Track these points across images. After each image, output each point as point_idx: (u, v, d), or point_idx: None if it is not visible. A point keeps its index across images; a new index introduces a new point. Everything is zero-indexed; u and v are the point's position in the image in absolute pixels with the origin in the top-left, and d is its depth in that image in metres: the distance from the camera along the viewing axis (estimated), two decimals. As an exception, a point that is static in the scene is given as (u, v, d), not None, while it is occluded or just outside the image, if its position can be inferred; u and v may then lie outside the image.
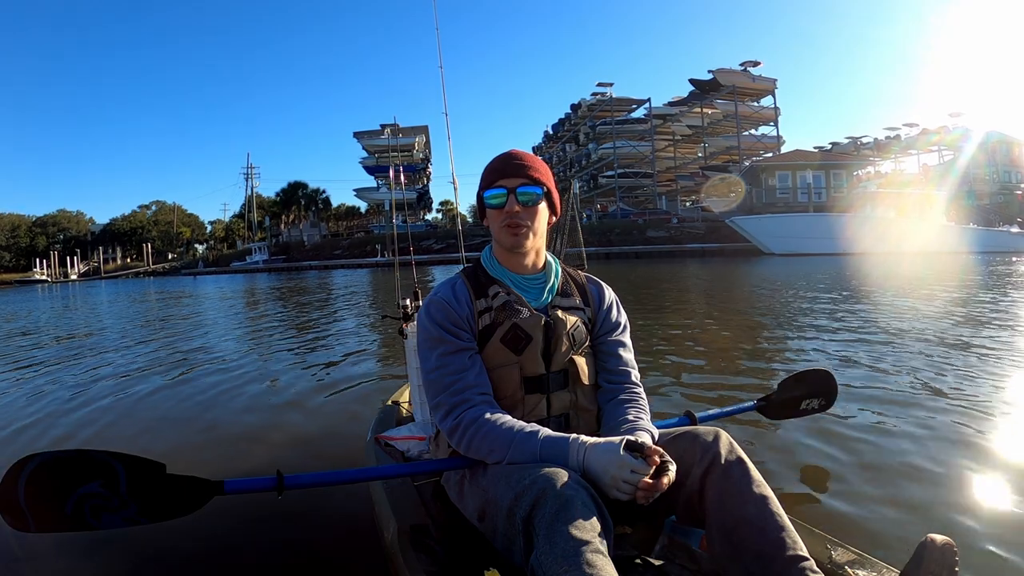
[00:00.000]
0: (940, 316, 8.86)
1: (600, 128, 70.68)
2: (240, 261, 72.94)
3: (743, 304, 12.55)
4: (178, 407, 5.27)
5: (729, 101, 62.55)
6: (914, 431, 3.76)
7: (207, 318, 14.34)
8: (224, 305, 18.81)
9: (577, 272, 2.15)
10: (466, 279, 1.99)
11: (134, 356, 8.43)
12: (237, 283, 36.07)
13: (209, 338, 10.27)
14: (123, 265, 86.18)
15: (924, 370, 5.37)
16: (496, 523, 1.62)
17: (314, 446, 4.03)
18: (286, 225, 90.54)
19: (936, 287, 13.73)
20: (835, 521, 2.57)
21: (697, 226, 54.25)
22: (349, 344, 8.70)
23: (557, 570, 1.35)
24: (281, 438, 4.26)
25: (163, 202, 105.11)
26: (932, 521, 2.58)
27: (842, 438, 3.65)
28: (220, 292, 26.26)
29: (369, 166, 77.19)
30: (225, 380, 6.26)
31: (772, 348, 7.18)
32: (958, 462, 3.23)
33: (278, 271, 57.11)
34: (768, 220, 42.23)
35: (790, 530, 1.58)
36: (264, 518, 2.82)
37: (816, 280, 17.10)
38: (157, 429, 4.67)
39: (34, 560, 2.59)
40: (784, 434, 3.74)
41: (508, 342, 1.88)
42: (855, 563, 1.70)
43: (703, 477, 1.68)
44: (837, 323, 8.65)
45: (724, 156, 66.35)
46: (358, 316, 13.23)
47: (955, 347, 6.39)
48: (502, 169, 1.91)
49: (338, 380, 6.05)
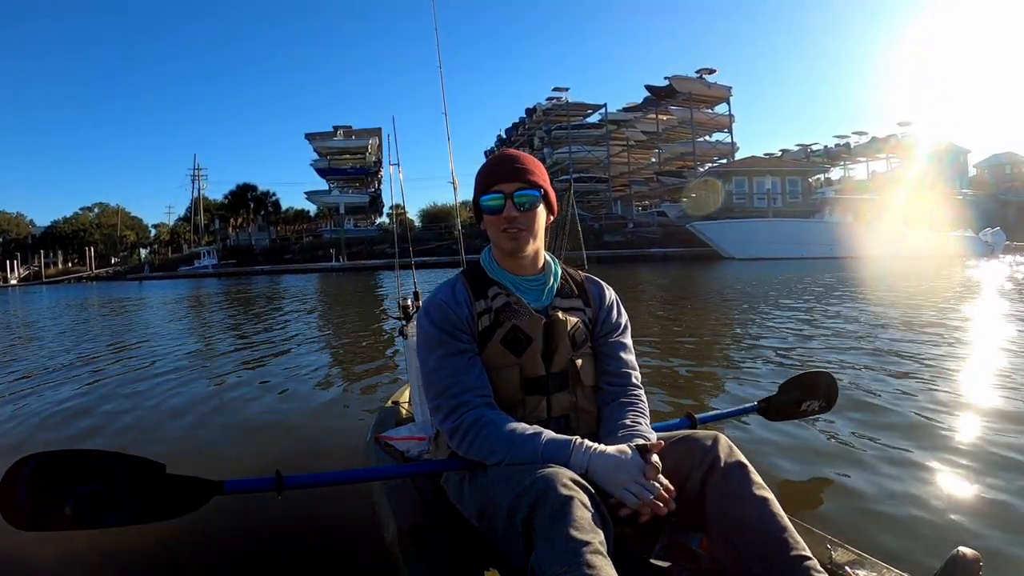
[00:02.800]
0: (940, 320, 8.88)
1: (556, 132, 70.37)
2: (187, 265, 70.47)
3: (716, 304, 12.95)
4: (174, 410, 5.21)
5: (684, 108, 63.15)
6: (914, 431, 3.83)
7: (188, 324, 13.93)
8: (193, 311, 18.20)
9: (577, 272, 2.15)
10: (465, 280, 1.99)
11: (130, 357, 8.33)
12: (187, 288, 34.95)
13: (197, 342, 10.19)
14: (65, 269, 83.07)
15: (925, 371, 5.50)
16: (496, 523, 1.63)
17: (314, 446, 4.07)
18: (234, 229, 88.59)
19: (927, 292, 13.96)
20: (836, 522, 2.58)
21: (654, 231, 54.67)
22: (349, 344, 8.91)
23: (557, 571, 1.36)
24: (281, 439, 4.29)
25: (106, 204, 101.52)
26: (933, 521, 2.62)
27: (842, 439, 3.73)
28: (175, 298, 25.38)
29: (321, 168, 75.87)
30: (224, 381, 6.27)
31: (752, 349, 7.26)
32: (958, 463, 3.27)
33: (228, 276, 55.28)
34: (728, 225, 42.84)
35: (791, 531, 1.58)
36: (264, 518, 2.85)
37: (793, 284, 17.44)
38: (156, 430, 4.64)
39: (33, 559, 2.58)
40: (784, 435, 3.80)
41: (508, 343, 1.88)
42: (855, 563, 1.69)
43: (703, 481, 1.68)
44: (828, 325, 8.82)
45: (679, 162, 67.06)
46: (357, 317, 13.52)
47: (955, 349, 6.59)
48: (498, 173, 1.91)
49: (338, 380, 6.17)
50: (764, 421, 3.64)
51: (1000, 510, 2.70)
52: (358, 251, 59.74)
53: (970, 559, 1.45)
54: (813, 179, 60.69)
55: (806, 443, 3.67)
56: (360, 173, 75.04)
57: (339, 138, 76.39)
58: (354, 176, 75.52)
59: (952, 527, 2.55)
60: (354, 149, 76.31)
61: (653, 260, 44.09)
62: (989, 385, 4.99)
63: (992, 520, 2.60)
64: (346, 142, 76.30)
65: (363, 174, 75.12)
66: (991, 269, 22.45)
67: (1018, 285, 14.87)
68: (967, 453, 3.40)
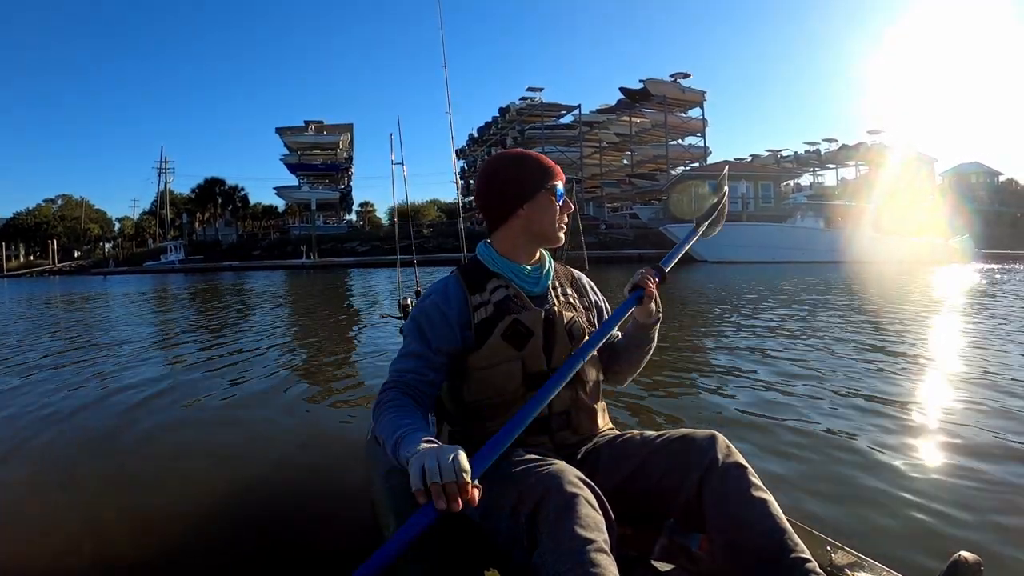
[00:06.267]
0: (935, 322, 9.16)
1: (529, 132, 70.07)
2: (153, 260, 69.30)
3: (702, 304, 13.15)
4: (174, 408, 5.15)
5: (658, 111, 63.27)
6: (916, 433, 3.89)
7: (177, 323, 13.45)
8: (180, 307, 17.79)
9: (561, 264, 2.18)
10: (461, 276, 1.99)
11: (126, 357, 7.98)
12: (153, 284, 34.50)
13: (192, 340, 10.01)
14: (27, 263, 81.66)
15: (926, 372, 5.64)
16: (498, 522, 1.62)
17: (314, 446, 4.08)
18: (201, 224, 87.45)
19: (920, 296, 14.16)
20: (836, 524, 2.59)
21: (626, 232, 54.68)
22: (349, 343, 8.90)
23: (561, 568, 1.37)
24: (282, 438, 4.28)
25: (70, 196, 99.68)
26: (935, 524, 2.64)
27: (842, 440, 3.77)
28: (141, 294, 24.77)
29: (291, 164, 75.07)
30: (222, 381, 6.18)
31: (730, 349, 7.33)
32: (960, 465, 3.30)
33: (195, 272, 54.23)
34: None
35: (791, 532, 1.58)
36: (264, 517, 2.89)
37: (774, 288, 17.71)
38: (156, 430, 4.56)
39: (34, 559, 2.59)
40: (784, 436, 3.87)
41: (509, 337, 1.87)
42: (856, 566, 1.67)
43: (700, 482, 1.67)
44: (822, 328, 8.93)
45: (651, 164, 67.13)
46: (356, 315, 13.53)
47: (956, 352, 6.70)
48: (553, 171, 1.99)
49: (338, 379, 6.16)
50: (764, 421, 4.14)
51: (1002, 514, 2.73)
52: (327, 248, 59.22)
53: (971, 563, 1.44)
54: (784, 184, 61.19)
55: (806, 444, 3.72)
56: (331, 169, 74.59)
57: (310, 133, 75.93)
58: (324, 172, 75.03)
59: (954, 530, 2.59)
60: (325, 145, 75.81)
61: (628, 261, 44.02)
62: (991, 388, 4.97)
63: (994, 524, 2.64)
64: (317, 137, 75.82)
65: (334, 170, 74.69)
66: (964, 275, 22.96)
67: (995, 289, 15.38)
68: (970, 456, 3.44)
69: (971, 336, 7.87)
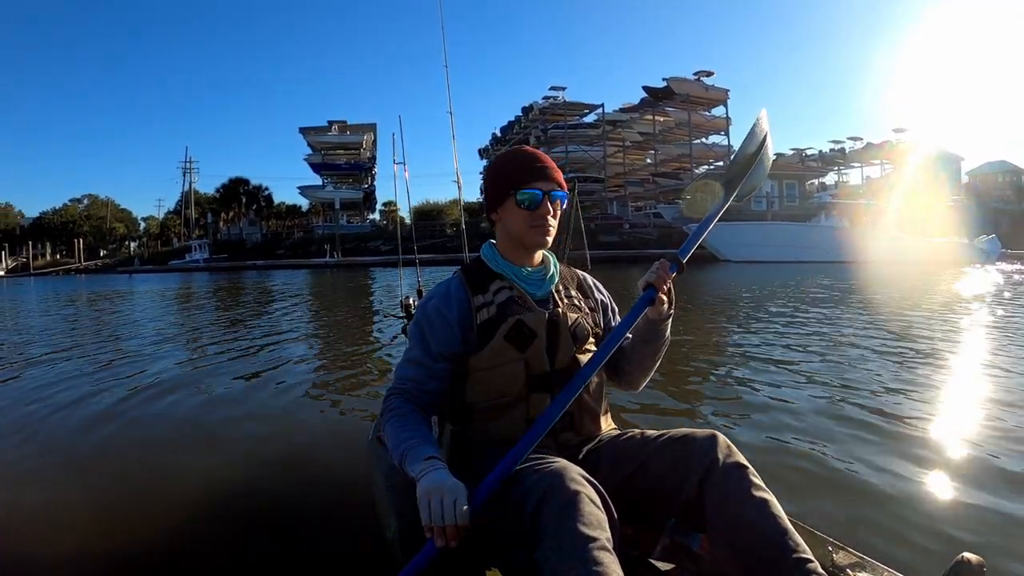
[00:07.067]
0: (942, 327, 8.80)
1: (552, 131, 69.90)
2: (178, 259, 70.09)
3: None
4: (174, 408, 5.10)
5: (681, 109, 63.12)
6: (918, 434, 3.84)
7: (181, 320, 13.50)
8: (188, 306, 17.83)
9: (566, 265, 2.17)
10: (464, 277, 2.00)
11: (137, 351, 8.11)
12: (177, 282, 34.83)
13: (191, 339, 9.85)
14: (53, 261, 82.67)
15: (928, 374, 5.54)
16: (500, 522, 1.60)
17: (316, 446, 4.09)
18: (226, 223, 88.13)
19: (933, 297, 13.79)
20: (838, 524, 2.56)
21: (649, 231, 54.53)
22: (350, 342, 8.80)
23: (564, 567, 1.36)
24: (283, 437, 4.29)
25: (95, 196, 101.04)
26: (937, 526, 2.62)
27: (844, 441, 3.75)
28: (157, 292, 25.07)
29: (315, 163, 75.57)
30: (222, 380, 6.12)
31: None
32: (963, 466, 3.30)
33: (219, 271, 54.66)
34: (725, 228, 42.41)
35: (792, 532, 1.57)
36: (265, 517, 2.90)
37: (799, 289, 17.42)
38: (155, 430, 4.56)
39: (34, 557, 2.59)
40: (784, 435, 3.87)
41: (512, 339, 1.87)
42: (857, 566, 1.66)
43: (701, 482, 1.67)
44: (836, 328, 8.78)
45: (675, 164, 66.85)
46: (357, 314, 13.41)
47: (960, 355, 6.58)
48: (534, 170, 1.93)
49: (340, 379, 6.09)
50: (763, 422, 4.15)
51: (1006, 517, 2.71)
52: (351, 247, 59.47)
53: (974, 565, 1.44)
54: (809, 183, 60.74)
55: (807, 444, 3.72)
56: (354, 169, 74.92)
57: (334, 133, 76.35)
58: (348, 172, 75.38)
59: (957, 532, 2.57)
60: (349, 144, 76.24)
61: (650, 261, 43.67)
62: (995, 391, 4.94)
63: (997, 526, 2.63)
64: (341, 137, 76.23)
65: (357, 170, 75.00)
66: (988, 277, 22.15)
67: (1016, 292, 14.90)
68: (972, 457, 3.43)
69: (985, 338, 7.81)
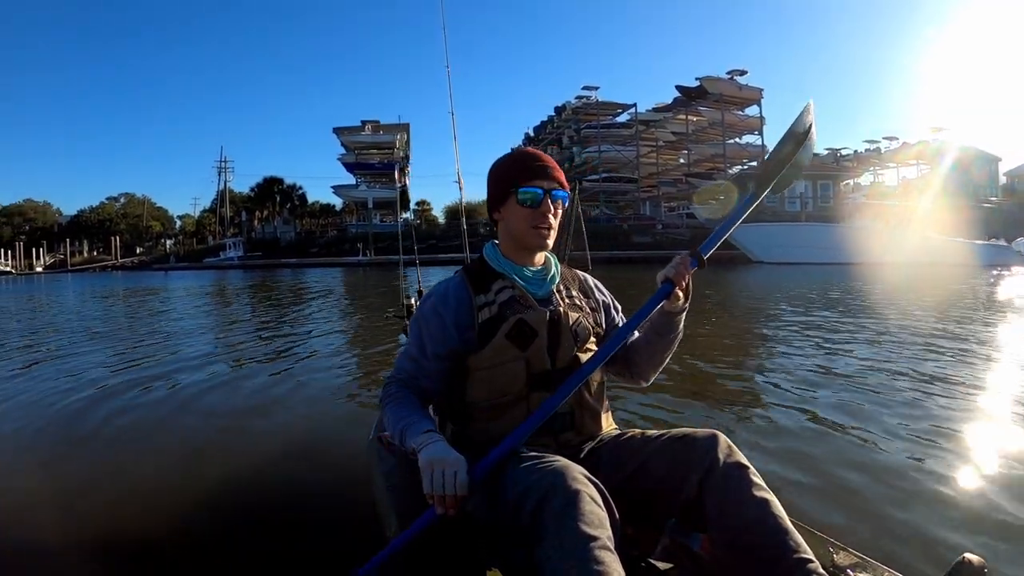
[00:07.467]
0: (954, 329, 8.72)
1: (585, 131, 70.20)
2: (213, 257, 70.93)
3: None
4: (177, 408, 5.14)
5: (715, 109, 62.64)
6: (919, 435, 3.88)
7: (197, 317, 13.87)
8: (209, 303, 18.35)
9: (567, 266, 2.17)
10: (466, 275, 2.01)
11: (125, 355, 8.08)
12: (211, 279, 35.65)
13: (194, 337, 10.02)
14: (90, 258, 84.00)
15: (931, 377, 5.54)
16: (501, 520, 1.63)
17: (316, 445, 4.13)
18: (260, 221, 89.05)
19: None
20: (838, 525, 2.61)
21: (682, 232, 54.18)
22: (351, 342, 9.02)
23: (565, 566, 1.36)
24: (283, 437, 4.32)
25: (132, 195, 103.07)
26: (939, 526, 2.63)
27: (845, 441, 3.81)
28: (185, 289, 25.72)
29: (348, 163, 76.11)
30: (223, 379, 6.22)
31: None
32: (964, 467, 3.32)
33: (253, 268, 55.40)
34: (754, 228, 41.96)
35: (793, 533, 1.57)
36: (265, 516, 2.92)
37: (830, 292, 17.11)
38: (156, 429, 4.60)
39: (34, 554, 2.63)
40: (784, 435, 3.91)
41: (513, 337, 1.87)
42: (858, 567, 1.66)
43: (701, 482, 1.67)
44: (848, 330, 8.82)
45: (708, 164, 66.38)
46: (365, 312, 13.61)
47: (963, 354, 6.63)
48: (535, 169, 1.94)
49: (341, 378, 6.16)
50: (763, 422, 4.24)
51: (1007, 518, 2.73)
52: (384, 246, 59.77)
53: (976, 566, 1.45)
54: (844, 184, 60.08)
55: (808, 444, 3.75)
56: (387, 168, 75.09)
57: (367, 133, 76.85)
58: (381, 171, 75.66)
59: (958, 533, 2.59)
60: (382, 144, 76.66)
61: (684, 262, 43.53)
62: (997, 393, 5.00)
63: (998, 527, 2.64)
64: (374, 137, 76.70)
65: (390, 169, 75.17)
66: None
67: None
68: (974, 458, 3.46)
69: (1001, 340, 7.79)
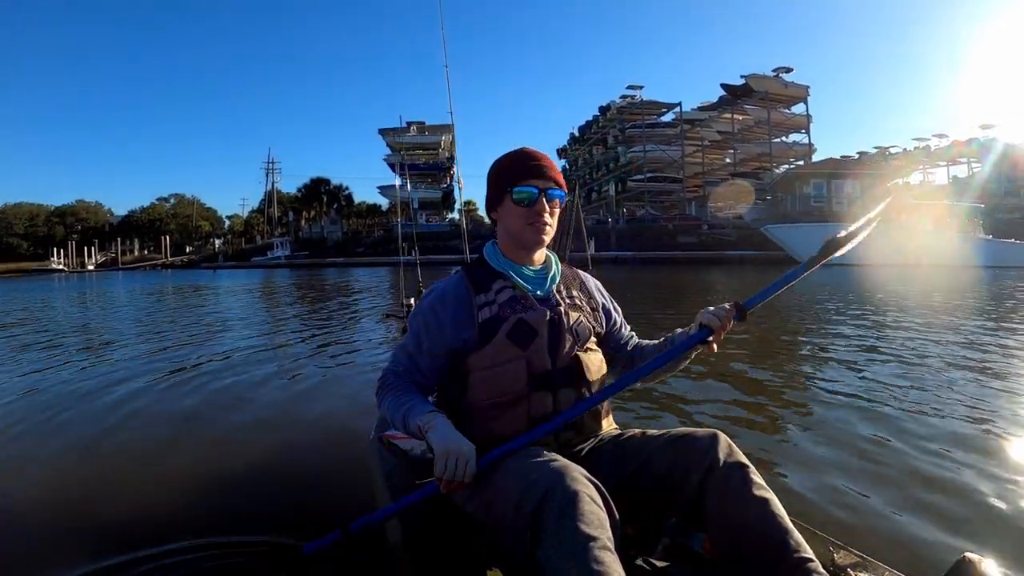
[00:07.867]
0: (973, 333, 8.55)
1: (630, 131, 69.90)
2: (261, 256, 72.14)
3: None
4: (174, 408, 5.12)
5: (760, 107, 62.08)
6: (920, 435, 3.87)
7: (198, 319, 13.82)
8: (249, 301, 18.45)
9: (567, 265, 2.18)
10: (467, 275, 2.01)
11: (130, 353, 8.22)
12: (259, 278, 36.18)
13: (195, 337, 9.96)
14: (141, 257, 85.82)
15: (935, 378, 5.52)
16: (501, 520, 1.61)
17: (317, 445, 4.09)
18: (307, 221, 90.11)
19: None
20: (839, 524, 2.62)
21: (728, 233, 53.68)
22: (352, 341, 8.87)
23: (565, 566, 1.37)
24: (284, 437, 4.30)
25: (182, 195, 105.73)
26: (939, 525, 2.63)
27: (845, 441, 3.79)
28: (228, 289, 25.87)
29: (393, 163, 76.38)
30: (225, 379, 6.17)
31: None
32: (965, 468, 3.32)
33: (299, 267, 56.33)
34: (798, 229, 41.32)
35: (793, 532, 1.57)
36: (265, 515, 2.91)
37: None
38: (156, 430, 4.55)
39: (34, 552, 2.64)
40: (785, 435, 3.92)
41: (514, 337, 1.88)
42: (859, 566, 1.67)
43: (702, 482, 1.68)
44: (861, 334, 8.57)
45: (754, 163, 65.78)
46: (367, 312, 13.43)
47: (968, 359, 6.47)
48: (530, 168, 1.95)
49: (342, 378, 6.13)
50: (763, 422, 4.19)
51: (1008, 517, 2.73)
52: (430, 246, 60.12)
53: (977, 565, 1.46)
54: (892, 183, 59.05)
55: (808, 444, 3.75)
56: (433, 169, 75.51)
57: (412, 134, 77.33)
58: (426, 172, 76.06)
59: (958, 532, 2.57)
60: (427, 145, 77.06)
61: (729, 263, 43.04)
62: (1000, 394, 4.97)
63: (999, 526, 2.64)
64: (419, 138, 77.16)
65: (436, 170, 75.57)
66: None
67: None
68: (974, 458, 3.45)
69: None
